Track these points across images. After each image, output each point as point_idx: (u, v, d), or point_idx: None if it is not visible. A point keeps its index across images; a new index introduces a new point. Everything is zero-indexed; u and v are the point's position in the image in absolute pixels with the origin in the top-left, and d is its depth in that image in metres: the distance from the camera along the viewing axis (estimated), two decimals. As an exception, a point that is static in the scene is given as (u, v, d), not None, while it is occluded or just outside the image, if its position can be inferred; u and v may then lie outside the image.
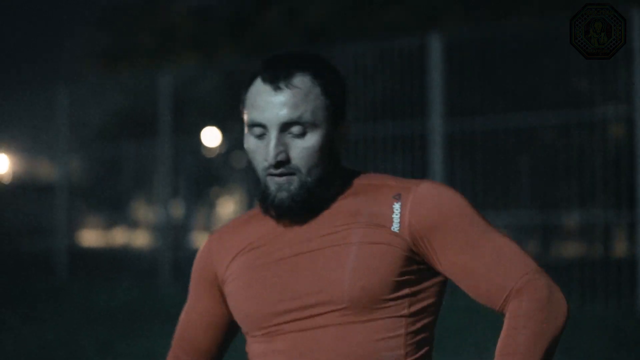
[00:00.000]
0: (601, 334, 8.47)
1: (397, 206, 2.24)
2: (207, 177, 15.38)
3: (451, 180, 10.99)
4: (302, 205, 2.25)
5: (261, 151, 2.25)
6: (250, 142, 2.28)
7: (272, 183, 2.25)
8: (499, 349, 2.18)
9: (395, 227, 2.23)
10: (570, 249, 11.79)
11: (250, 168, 15.84)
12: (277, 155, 2.21)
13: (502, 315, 2.21)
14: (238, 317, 2.35)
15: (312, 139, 2.23)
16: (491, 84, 11.29)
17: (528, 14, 15.30)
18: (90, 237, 17.52)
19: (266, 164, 2.23)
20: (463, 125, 10.95)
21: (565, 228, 11.95)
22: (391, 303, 2.22)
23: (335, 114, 2.26)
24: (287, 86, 2.22)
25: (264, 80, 2.24)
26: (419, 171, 11.16)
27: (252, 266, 2.32)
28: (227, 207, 18.55)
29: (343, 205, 2.28)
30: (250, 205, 16.33)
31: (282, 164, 2.22)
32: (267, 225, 2.33)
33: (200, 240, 15.92)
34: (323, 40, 19.22)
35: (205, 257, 2.45)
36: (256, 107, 2.24)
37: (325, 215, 2.28)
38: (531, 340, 2.16)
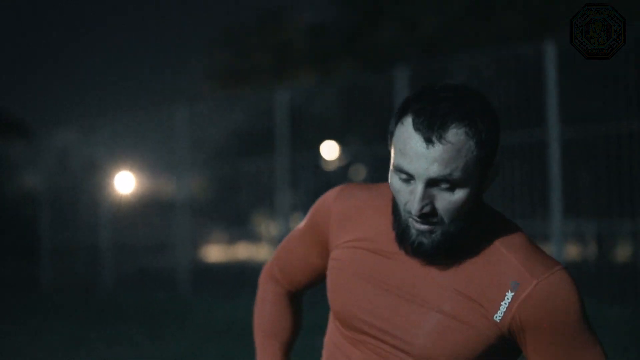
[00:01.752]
0: None
1: (509, 296, 2.18)
2: (325, 190, 15.41)
3: (571, 188, 10.82)
4: (443, 252, 2.20)
5: (405, 194, 2.19)
6: (395, 182, 2.21)
7: (414, 226, 2.20)
8: None
9: (498, 316, 2.18)
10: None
11: (369, 180, 15.85)
12: (422, 208, 2.14)
13: None
14: (330, 299, 2.41)
15: (460, 194, 2.15)
16: (608, 88, 11.08)
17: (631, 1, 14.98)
18: (213, 253, 17.73)
19: (409, 210, 2.18)
20: (581, 132, 10.77)
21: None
22: None
23: (487, 165, 2.19)
24: (439, 140, 2.10)
25: (416, 127, 2.13)
26: (538, 180, 11.01)
27: (358, 269, 2.34)
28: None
29: (465, 265, 2.24)
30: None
31: (427, 215, 2.16)
32: (391, 233, 2.31)
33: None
34: (438, 51, 19.16)
35: (328, 211, 2.48)
36: (405, 155, 2.15)
37: (447, 261, 2.25)
38: None
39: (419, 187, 2.14)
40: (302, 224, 2.59)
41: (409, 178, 2.16)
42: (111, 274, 17.07)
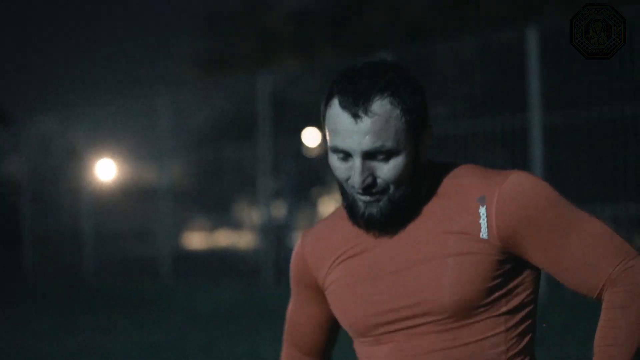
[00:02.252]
0: None
1: (482, 210, 2.23)
2: (308, 177, 15.41)
3: (553, 173, 10.83)
4: (393, 218, 2.26)
5: (345, 170, 2.25)
6: (334, 162, 2.27)
7: (359, 199, 2.26)
8: (597, 341, 2.16)
9: (483, 233, 2.23)
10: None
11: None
12: (363, 181, 2.21)
13: (602, 303, 2.20)
14: (342, 323, 2.43)
15: (397, 161, 2.22)
16: (591, 74, 11.09)
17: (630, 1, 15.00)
18: (195, 240, 17.71)
19: (353, 185, 2.24)
20: (563, 118, 10.78)
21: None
22: (489, 306, 2.25)
23: (417, 128, 2.24)
24: (366, 114, 2.18)
25: (342, 105, 2.20)
26: (520, 165, 11.02)
27: (353, 276, 2.37)
28: (329, 206, 18.57)
29: (433, 209, 2.29)
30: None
31: (369, 187, 2.22)
32: (360, 230, 2.35)
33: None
34: (423, 37, 19.15)
35: (302, 260, 2.52)
36: (337, 134, 2.22)
37: (417, 221, 2.30)
38: (629, 331, 2.13)
39: (356, 162, 2.20)
40: (291, 297, 2.62)
41: (346, 155, 2.23)
42: (93, 261, 17.03)
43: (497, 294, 2.24)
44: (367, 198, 2.24)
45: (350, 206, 2.28)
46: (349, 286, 2.36)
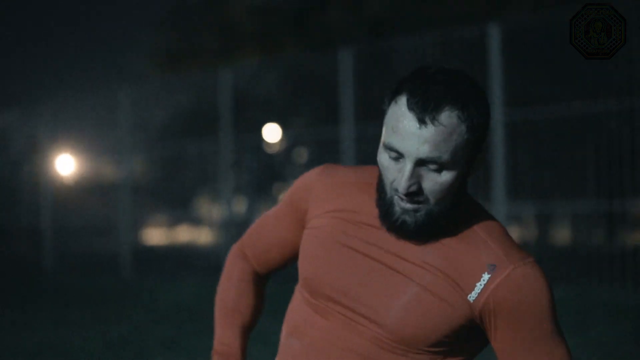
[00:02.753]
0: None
1: (485, 277, 2.19)
2: (268, 173, 15.39)
3: (513, 170, 10.88)
4: (424, 231, 2.22)
5: (393, 172, 2.20)
6: (383, 158, 2.22)
7: (399, 204, 2.21)
8: None
9: (472, 296, 2.19)
10: (637, 237, 11.62)
11: (311, 163, 15.83)
12: (409, 187, 2.15)
13: None
14: (300, 269, 2.41)
15: (447, 176, 2.17)
16: (552, 72, 11.16)
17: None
18: (155, 236, 17.64)
19: (396, 188, 2.20)
20: (525, 114, 10.82)
21: (632, 216, 11.77)
22: (428, 351, 2.23)
23: (475, 149, 2.20)
24: (432, 122, 2.11)
25: (409, 107, 2.14)
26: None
27: (337, 238, 2.34)
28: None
29: (448, 241, 2.25)
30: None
31: (413, 194, 2.17)
32: (374, 209, 2.32)
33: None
34: (384, 32, 19.17)
35: (309, 186, 2.49)
36: (396, 133, 2.17)
37: (429, 240, 2.26)
38: None
39: (407, 166, 2.15)
40: (278, 204, 2.60)
41: (399, 156, 2.17)
42: (53, 255, 16.92)
43: (440, 348, 2.23)
44: (407, 205, 2.19)
45: (386, 207, 2.23)
46: (327, 243, 2.34)
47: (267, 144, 15.02)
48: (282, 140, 15.13)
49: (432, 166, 2.14)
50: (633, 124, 10.44)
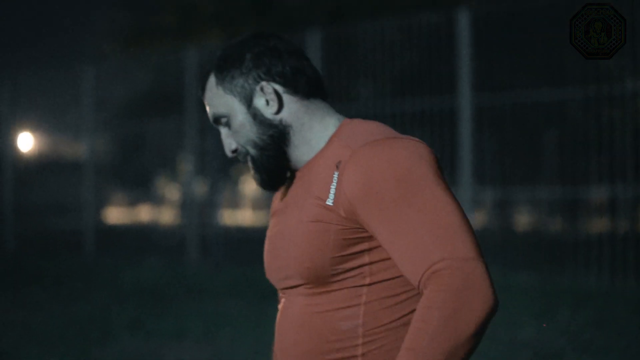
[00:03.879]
0: (632, 309, 8.43)
1: (335, 176, 2.20)
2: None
3: (479, 156, 10.93)
4: (268, 177, 2.37)
5: None
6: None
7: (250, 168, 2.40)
8: (404, 341, 2.07)
9: (329, 200, 2.20)
10: (598, 225, 11.73)
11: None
12: (227, 149, 2.39)
13: None
14: None
15: (235, 122, 2.35)
16: (519, 59, 11.20)
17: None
18: (116, 215, 17.56)
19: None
20: (491, 100, 10.87)
21: (592, 203, 11.88)
22: (347, 274, 2.21)
23: (235, 92, 2.36)
24: (203, 90, 2.41)
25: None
26: (447, 146, 11.10)
27: (268, 231, 2.45)
28: (251, 184, 18.53)
29: (311, 169, 2.30)
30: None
31: (235, 152, 2.38)
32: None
33: (226, 217, 15.93)
34: (348, 17, 19.14)
35: None
36: None
37: (296, 182, 2.35)
38: (430, 336, 2.01)
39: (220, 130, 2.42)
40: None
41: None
42: (14, 235, 16.80)
43: (351, 265, 2.20)
44: (248, 164, 2.38)
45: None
46: (265, 240, 2.44)
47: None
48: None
49: (223, 122, 2.38)
50: (597, 112, 10.53)
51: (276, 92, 2.33)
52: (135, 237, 15.16)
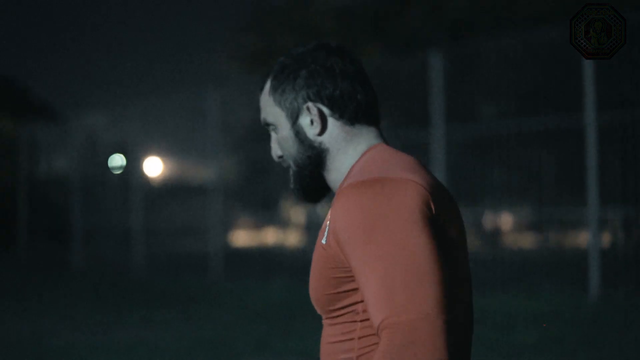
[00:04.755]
0: None
1: (329, 215, 2.23)
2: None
3: (605, 175, 10.67)
4: (305, 192, 2.44)
5: None
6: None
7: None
8: None
9: (324, 238, 2.23)
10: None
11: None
12: (274, 152, 2.47)
13: None
14: None
15: (281, 133, 2.41)
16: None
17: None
18: (242, 238, 17.74)
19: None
20: (617, 117, 10.61)
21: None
22: (343, 310, 2.24)
23: (285, 106, 2.39)
24: (261, 91, 2.46)
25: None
26: (571, 165, 10.92)
27: None
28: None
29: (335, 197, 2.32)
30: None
31: (281, 157, 2.46)
32: None
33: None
34: (467, 34, 19.05)
35: None
36: None
37: (331, 205, 2.33)
38: None
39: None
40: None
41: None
42: (143, 257, 17.12)
43: (345, 303, 2.22)
44: (286, 167, 2.45)
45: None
46: None
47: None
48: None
49: (272, 128, 2.43)
50: None
51: (322, 114, 2.35)
52: (261, 259, 15.28)
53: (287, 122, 2.38)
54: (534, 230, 13.17)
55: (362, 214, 2.10)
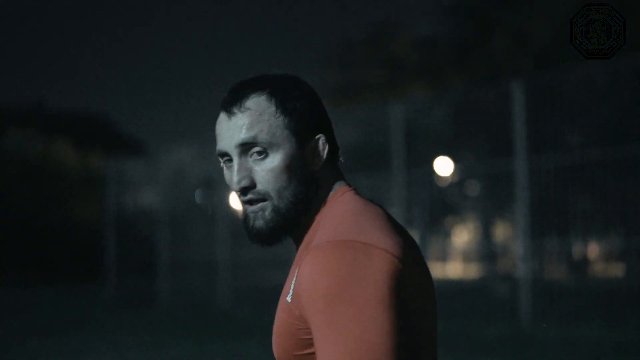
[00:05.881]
0: None
1: (296, 273, 2.05)
2: (440, 206, 15.36)
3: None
4: (279, 231, 2.16)
5: (230, 177, 2.18)
6: (225, 173, 2.21)
7: (249, 212, 2.16)
8: None
9: (289, 297, 2.06)
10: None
11: (484, 196, 15.73)
12: (239, 181, 2.13)
13: None
14: None
15: (273, 161, 2.12)
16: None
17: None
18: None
19: (234, 189, 2.16)
20: None
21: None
22: None
23: (298, 132, 2.14)
24: (240, 110, 2.13)
25: (221, 108, 2.17)
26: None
27: None
28: (462, 236, 18.45)
29: (303, 245, 2.17)
30: (485, 234, 16.19)
31: (248, 189, 2.14)
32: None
33: (434, 270, 15.89)
34: (551, 62, 18.93)
35: None
36: (218, 137, 2.18)
37: (299, 250, 2.19)
38: None
39: (234, 160, 2.13)
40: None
41: (229, 159, 2.17)
42: (228, 289, 17.23)
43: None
44: (252, 208, 2.14)
45: (243, 221, 2.19)
46: None
47: (439, 177, 15.01)
48: (453, 173, 15.09)
49: (257, 151, 2.11)
50: None
51: (325, 147, 2.20)
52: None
53: (293, 147, 2.14)
54: (622, 260, 13.02)
55: (327, 280, 1.95)
